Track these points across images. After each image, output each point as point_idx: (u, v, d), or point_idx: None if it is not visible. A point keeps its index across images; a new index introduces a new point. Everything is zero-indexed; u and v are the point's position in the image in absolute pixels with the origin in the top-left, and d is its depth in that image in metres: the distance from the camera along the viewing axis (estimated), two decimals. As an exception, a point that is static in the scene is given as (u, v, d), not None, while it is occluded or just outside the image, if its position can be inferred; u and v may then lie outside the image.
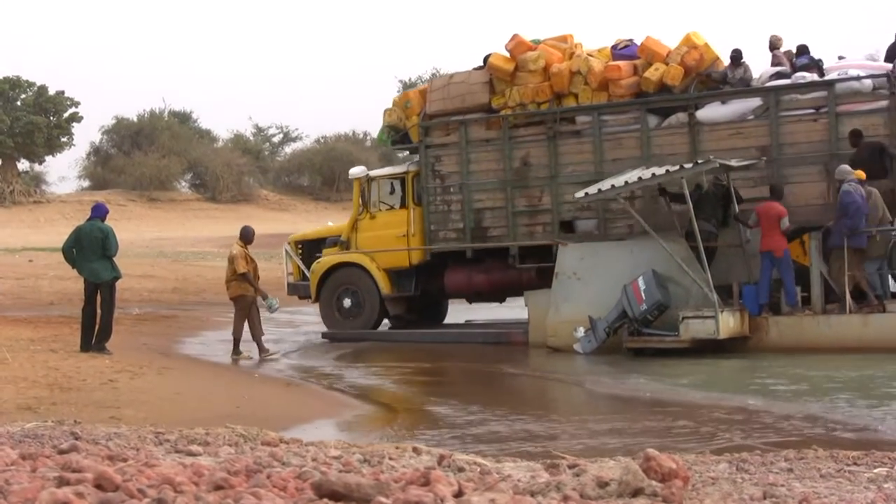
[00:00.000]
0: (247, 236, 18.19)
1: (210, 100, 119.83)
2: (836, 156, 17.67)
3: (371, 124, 72.01)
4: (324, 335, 21.05)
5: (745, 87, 18.86)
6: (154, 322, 23.52)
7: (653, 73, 18.99)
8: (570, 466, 6.08)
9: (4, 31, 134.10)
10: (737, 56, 18.96)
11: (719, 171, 18.03)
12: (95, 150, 68.53)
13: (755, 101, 18.70)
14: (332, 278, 21.04)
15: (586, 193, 17.85)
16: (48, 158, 64.09)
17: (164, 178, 63.38)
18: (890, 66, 18.18)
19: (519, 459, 7.29)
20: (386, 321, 21.45)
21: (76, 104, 62.91)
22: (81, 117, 63.01)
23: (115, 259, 16.74)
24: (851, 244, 16.81)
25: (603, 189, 17.53)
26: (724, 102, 18.86)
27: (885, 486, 6.37)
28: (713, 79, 19.18)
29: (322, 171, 68.30)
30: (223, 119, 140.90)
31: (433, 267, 20.80)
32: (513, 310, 21.30)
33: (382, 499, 4.37)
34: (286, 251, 22.51)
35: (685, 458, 7.36)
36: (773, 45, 19.46)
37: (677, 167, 17.26)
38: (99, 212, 17.01)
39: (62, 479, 4.66)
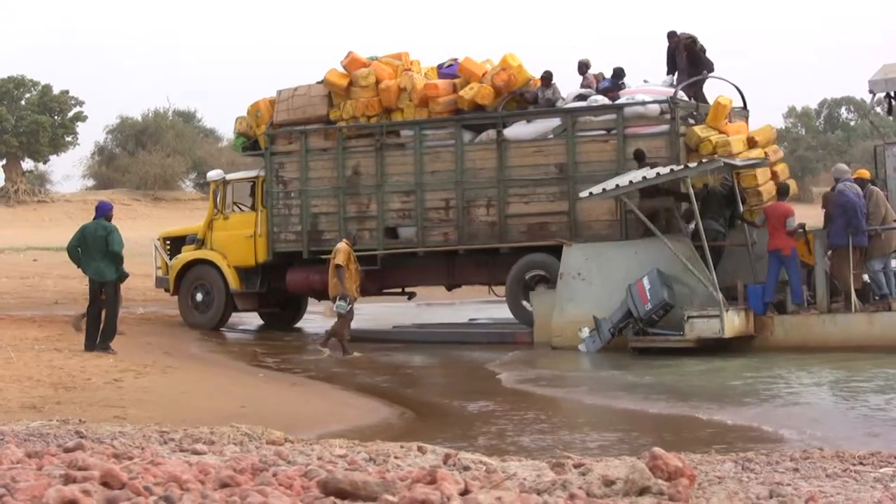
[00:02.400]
0: (351, 235, 18.86)
1: (214, 99, 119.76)
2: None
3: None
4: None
5: (549, 107, 19.95)
6: (159, 321, 23.54)
7: (467, 92, 20.16)
8: (576, 465, 6.07)
9: (9, 30, 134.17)
10: (547, 77, 20.12)
11: (724, 171, 18.05)
12: (100, 150, 68.44)
13: (556, 121, 19.70)
14: (189, 274, 22.47)
15: (590, 193, 17.88)
16: (52, 158, 63.98)
17: (169, 177, 63.30)
18: (671, 91, 19.21)
19: (524, 458, 7.28)
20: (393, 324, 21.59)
21: (81, 103, 62.85)
22: (86, 116, 62.94)
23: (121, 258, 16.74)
24: (853, 243, 16.83)
25: (608, 189, 17.56)
26: (528, 121, 19.93)
27: (892, 485, 6.36)
28: (525, 99, 20.27)
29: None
30: (228, 118, 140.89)
31: (279, 266, 22.04)
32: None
33: (389, 497, 4.36)
34: (155, 246, 23.92)
35: (691, 457, 7.36)
36: (583, 67, 20.69)
37: (682, 167, 17.31)
38: (103, 210, 17.03)
39: (68, 476, 4.67)
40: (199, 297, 22.41)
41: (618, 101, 19.36)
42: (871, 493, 6.07)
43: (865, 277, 17.49)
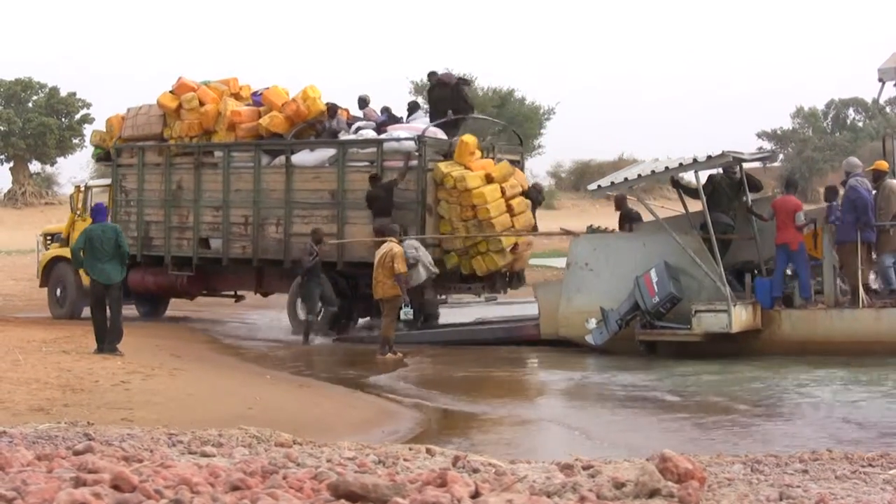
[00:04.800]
0: (394, 231, 18.95)
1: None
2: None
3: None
4: (335, 340, 21.22)
5: (331, 137, 21.74)
6: (166, 323, 23.55)
7: (265, 120, 22.11)
8: (585, 467, 6.07)
9: (17, 32, 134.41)
10: (332, 109, 22.01)
11: (732, 165, 18.08)
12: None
13: (332, 151, 21.48)
14: (54, 270, 24.35)
15: (599, 186, 18.12)
16: (60, 160, 64.08)
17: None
18: (423, 127, 20.92)
19: (533, 460, 7.27)
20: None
21: (88, 105, 62.91)
22: (93, 119, 62.89)
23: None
24: (862, 238, 16.81)
25: (616, 182, 17.74)
26: (312, 150, 21.76)
27: (902, 486, 6.34)
28: (316, 128, 22.12)
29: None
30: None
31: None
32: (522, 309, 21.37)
33: (399, 500, 4.36)
34: (38, 242, 26.01)
35: (700, 458, 7.34)
36: (362, 103, 22.76)
37: (690, 160, 17.35)
38: (104, 213, 17.25)
39: (79, 479, 4.66)
40: (58, 291, 24.23)
41: (378, 137, 21.24)
42: (882, 495, 6.06)
43: (871, 277, 17.50)
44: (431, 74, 22.41)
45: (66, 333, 18.83)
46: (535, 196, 21.61)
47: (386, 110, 22.53)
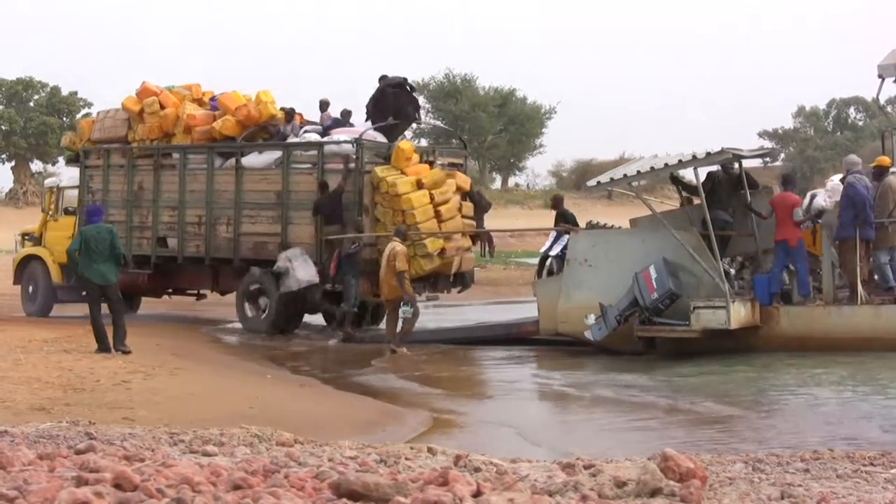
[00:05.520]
0: (403, 234, 19.32)
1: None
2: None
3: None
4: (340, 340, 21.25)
5: (281, 140, 22.43)
6: (167, 323, 23.56)
7: (218, 123, 22.84)
8: (586, 467, 6.06)
9: (18, 32, 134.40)
10: (289, 113, 22.72)
11: (731, 161, 18.09)
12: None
13: (278, 153, 22.21)
14: (27, 267, 25.21)
15: (598, 182, 18.14)
16: (61, 159, 64.12)
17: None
18: (357, 131, 21.78)
19: (534, 459, 7.26)
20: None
21: (89, 105, 62.93)
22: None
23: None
24: (861, 235, 16.81)
25: (615, 178, 17.77)
26: (261, 152, 22.55)
27: (903, 485, 6.34)
28: (269, 131, 22.81)
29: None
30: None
31: None
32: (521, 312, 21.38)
33: (401, 499, 4.36)
34: (16, 241, 27.12)
35: (702, 457, 7.34)
36: (323, 106, 23.37)
37: (690, 157, 17.36)
38: (100, 214, 17.40)
39: (80, 479, 4.66)
40: (30, 288, 25.13)
41: (319, 140, 22.06)
42: (883, 494, 6.06)
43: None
44: (382, 77, 22.68)
45: (68, 333, 18.83)
46: (477, 199, 22.40)
47: (346, 114, 23.16)
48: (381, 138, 21.84)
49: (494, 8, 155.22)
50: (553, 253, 19.90)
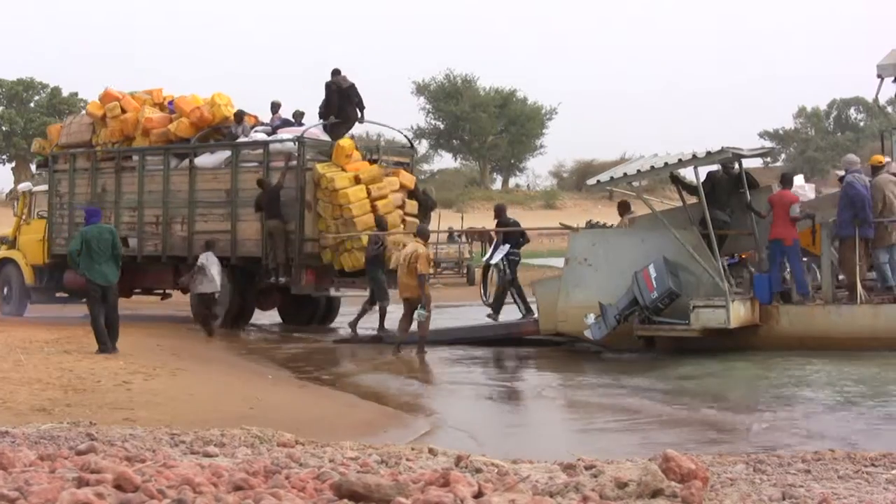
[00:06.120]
0: (426, 234, 19.45)
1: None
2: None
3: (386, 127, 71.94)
4: (335, 342, 21.31)
5: (232, 140, 23.25)
6: (167, 323, 23.56)
7: (174, 126, 23.71)
8: (587, 467, 6.06)
9: (19, 32, 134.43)
10: (239, 115, 23.50)
11: (732, 161, 18.09)
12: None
13: (228, 153, 23.08)
14: (2, 271, 26.15)
15: (598, 181, 18.16)
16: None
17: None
18: (298, 130, 22.68)
19: (535, 460, 7.26)
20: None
21: (89, 106, 62.95)
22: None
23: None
24: (860, 234, 16.82)
25: (615, 177, 17.79)
26: (213, 153, 23.42)
27: (904, 486, 6.33)
28: (222, 133, 23.67)
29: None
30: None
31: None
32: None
33: (402, 499, 4.36)
34: None
35: (703, 459, 7.33)
36: (275, 107, 24.43)
37: (690, 156, 17.36)
38: (98, 215, 17.53)
39: (81, 479, 4.66)
40: (5, 290, 26.08)
41: (264, 139, 22.94)
42: (885, 495, 6.06)
43: None
44: (335, 72, 23.01)
45: (68, 334, 18.85)
46: (422, 199, 22.99)
47: (298, 115, 23.96)
48: (324, 137, 22.61)
49: (495, 8, 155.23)
50: (494, 261, 20.35)
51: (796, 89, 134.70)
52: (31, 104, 62.26)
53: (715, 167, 18.31)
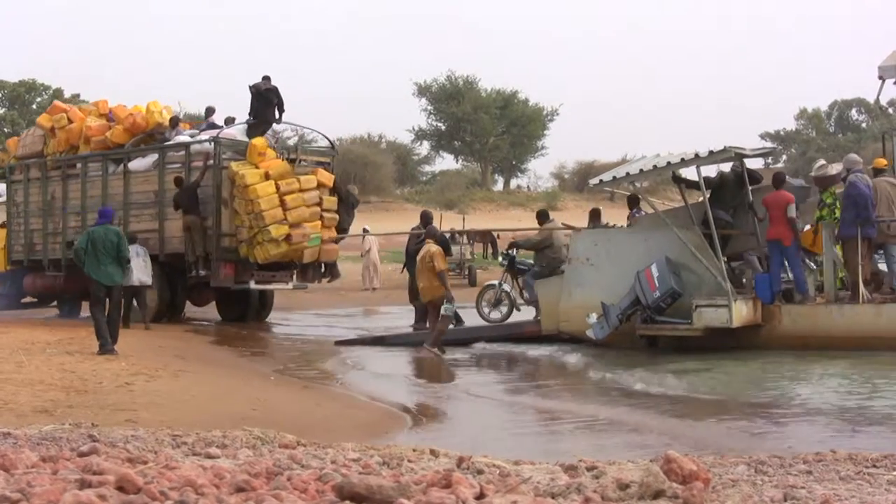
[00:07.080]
0: (436, 235, 19.74)
1: (224, 103, 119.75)
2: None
3: (387, 127, 72.19)
4: (336, 343, 21.31)
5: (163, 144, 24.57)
6: (169, 325, 23.58)
7: (110, 133, 25.18)
8: (589, 469, 6.06)
9: (21, 34, 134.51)
10: (174, 120, 25.11)
11: (734, 160, 18.12)
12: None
13: (156, 156, 24.42)
14: None
15: (601, 181, 18.27)
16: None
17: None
18: (217, 132, 24.01)
19: (537, 462, 7.26)
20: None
21: (91, 107, 62.92)
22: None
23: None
24: (863, 234, 16.83)
25: (618, 176, 17.83)
26: (144, 157, 24.77)
27: (906, 487, 6.33)
28: (156, 138, 25.00)
29: (337, 174, 68.11)
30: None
31: (27, 270, 27.37)
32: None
33: (404, 501, 4.36)
34: None
35: (704, 460, 7.33)
36: (209, 112, 26.17)
37: (692, 155, 17.38)
38: (108, 216, 17.46)
39: (84, 481, 4.66)
40: None
41: (186, 141, 24.22)
42: (886, 496, 6.05)
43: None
44: (265, 78, 24.07)
45: (70, 335, 18.87)
46: (345, 196, 24.22)
47: (230, 120, 25.05)
48: (241, 137, 23.72)
49: (496, 10, 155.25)
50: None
51: (797, 90, 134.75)
52: (34, 106, 62.26)
53: (726, 166, 18.35)
